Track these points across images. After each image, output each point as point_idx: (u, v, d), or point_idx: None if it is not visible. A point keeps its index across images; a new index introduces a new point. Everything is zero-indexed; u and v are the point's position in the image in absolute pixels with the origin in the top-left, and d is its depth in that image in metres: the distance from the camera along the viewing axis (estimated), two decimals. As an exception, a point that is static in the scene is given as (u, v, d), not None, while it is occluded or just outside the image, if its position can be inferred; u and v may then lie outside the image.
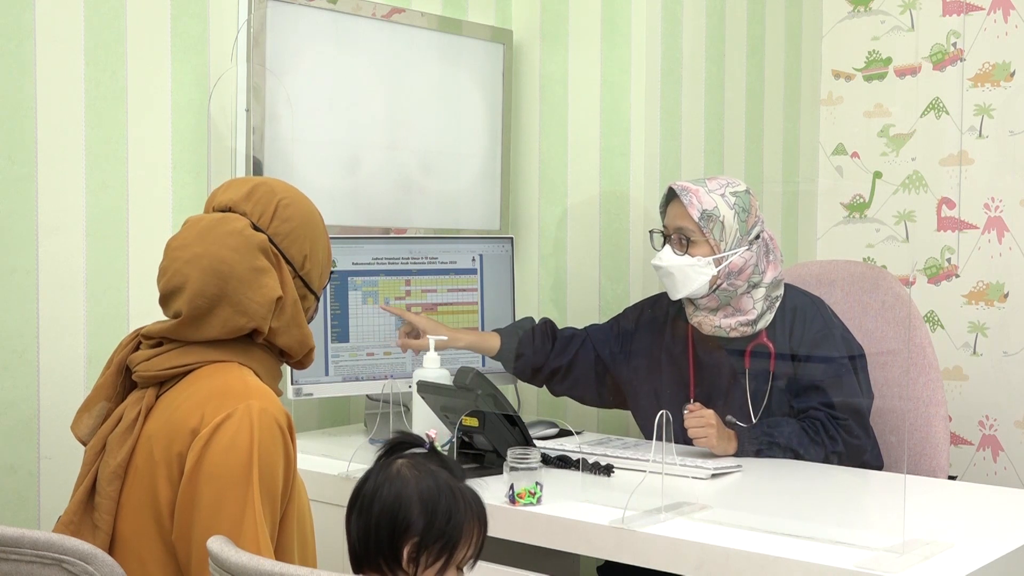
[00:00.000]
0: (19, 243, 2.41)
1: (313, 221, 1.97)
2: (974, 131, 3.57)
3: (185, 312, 1.84)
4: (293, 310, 1.90)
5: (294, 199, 1.95)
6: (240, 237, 1.86)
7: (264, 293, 1.85)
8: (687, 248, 2.63)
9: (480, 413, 2.35)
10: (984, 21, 3.55)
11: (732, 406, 2.66)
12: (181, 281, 1.84)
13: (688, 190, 2.64)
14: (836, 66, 3.83)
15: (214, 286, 1.83)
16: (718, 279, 2.63)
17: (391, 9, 3.02)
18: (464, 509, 1.64)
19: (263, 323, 1.86)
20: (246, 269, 1.84)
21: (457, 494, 1.65)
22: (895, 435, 2.76)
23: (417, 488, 1.63)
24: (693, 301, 2.69)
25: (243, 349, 1.88)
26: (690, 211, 2.61)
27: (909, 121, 3.68)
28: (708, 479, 2.40)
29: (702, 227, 2.61)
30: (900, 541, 1.88)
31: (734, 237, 2.63)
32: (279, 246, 1.90)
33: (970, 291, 3.58)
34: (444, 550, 1.62)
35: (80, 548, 1.58)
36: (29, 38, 2.41)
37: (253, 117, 2.73)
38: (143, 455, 1.80)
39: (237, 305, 1.83)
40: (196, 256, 1.84)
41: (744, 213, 2.65)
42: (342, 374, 2.83)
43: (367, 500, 1.65)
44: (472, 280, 3.01)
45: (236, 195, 1.93)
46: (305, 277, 1.94)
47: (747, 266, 2.63)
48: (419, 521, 1.61)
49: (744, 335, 2.67)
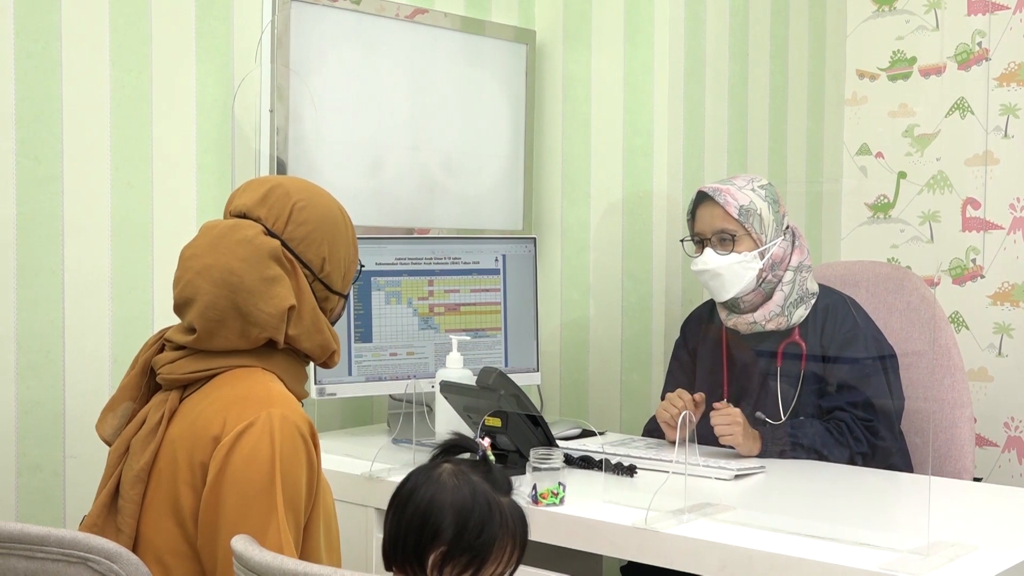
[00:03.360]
0: (44, 244, 2.42)
1: (331, 221, 1.93)
2: (999, 131, 3.55)
3: (198, 326, 1.83)
4: (312, 316, 1.89)
5: (310, 200, 1.92)
6: (250, 246, 1.84)
7: (275, 304, 1.83)
8: (732, 247, 2.63)
9: (503, 413, 2.35)
10: (1010, 20, 3.53)
11: (764, 405, 2.66)
12: (192, 293, 1.84)
13: (720, 191, 2.65)
14: (860, 66, 3.82)
15: (224, 299, 1.82)
16: (764, 272, 2.64)
17: (414, 10, 3.02)
18: (499, 525, 1.61)
19: (276, 333, 1.84)
20: (256, 279, 1.83)
21: (494, 508, 1.61)
22: (920, 436, 2.75)
23: (453, 496, 1.60)
24: (729, 303, 2.69)
25: (266, 354, 1.87)
26: (728, 209, 2.63)
27: (934, 121, 3.66)
28: (731, 480, 2.39)
29: (743, 222, 2.63)
30: (925, 543, 1.87)
31: (771, 228, 2.66)
32: (295, 251, 1.88)
33: (995, 292, 3.56)
34: (471, 564, 1.59)
35: (106, 547, 1.59)
36: (55, 39, 2.42)
37: (277, 118, 2.74)
38: (166, 459, 1.80)
39: (248, 316, 1.82)
40: (207, 267, 1.84)
41: (775, 204, 2.68)
42: (365, 374, 2.83)
43: (403, 500, 1.63)
44: (495, 280, 3.01)
45: (251, 200, 1.91)
46: (325, 279, 1.92)
47: (786, 255, 2.67)
48: (449, 530, 1.58)
49: (779, 327, 2.67)
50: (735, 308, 2.69)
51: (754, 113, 3.45)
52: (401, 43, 3.01)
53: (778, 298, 2.65)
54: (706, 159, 3.26)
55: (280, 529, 1.71)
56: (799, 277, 2.68)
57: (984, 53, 3.57)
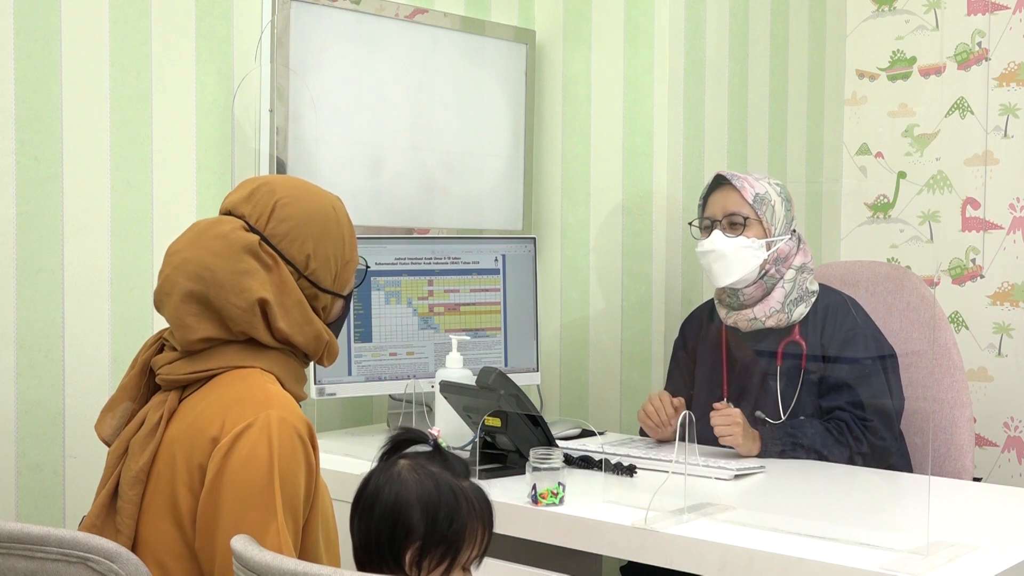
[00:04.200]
0: (44, 243, 2.42)
1: (319, 219, 1.92)
2: (999, 131, 3.55)
3: (172, 318, 1.84)
4: (299, 309, 1.88)
5: (296, 198, 1.91)
6: (224, 241, 1.84)
7: (244, 296, 1.82)
8: (741, 231, 2.65)
9: (503, 413, 2.35)
10: (1009, 20, 3.53)
11: (763, 404, 2.66)
12: (170, 287, 1.85)
13: (738, 176, 2.70)
14: (860, 66, 3.82)
15: (198, 292, 1.83)
16: (767, 264, 2.64)
17: (414, 10, 3.02)
18: (467, 511, 1.62)
19: (250, 328, 1.84)
20: (227, 272, 1.83)
21: (459, 496, 1.62)
22: (920, 436, 2.75)
23: (417, 491, 1.61)
24: (728, 299, 2.69)
25: (265, 354, 1.87)
26: (744, 194, 2.66)
27: (934, 121, 3.66)
28: (731, 480, 2.39)
29: (756, 209, 2.65)
30: (924, 543, 1.87)
31: (782, 223, 2.68)
32: (276, 247, 1.88)
33: (995, 292, 3.56)
34: (447, 554, 1.60)
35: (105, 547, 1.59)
36: (55, 39, 2.42)
37: (277, 117, 2.74)
38: (165, 460, 1.80)
39: (221, 309, 1.83)
40: (184, 261, 1.85)
41: (788, 202, 2.71)
42: (365, 374, 2.83)
43: (368, 503, 1.64)
44: (495, 280, 3.01)
45: (238, 197, 1.92)
46: (311, 276, 1.91)
47: (790, 254, 2.68)
48: (420, 525, 1.59)
49: (779, 324, 2.67)
50: (734, 303, 2.69)
51: (754, 113, 3.45)
52: (401, 43, 3.01)
53: (778, 295, 2.66)
54: (706, 159, 3.26)
55: (279, 531, 1.71)
56: (800, 277, 2.69)
57: (984, 53, 3.57)
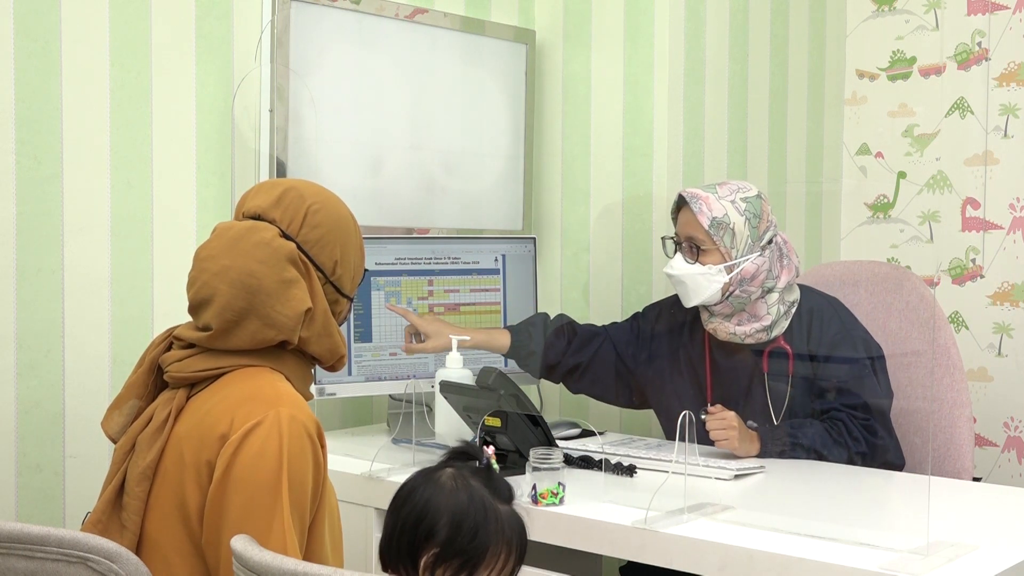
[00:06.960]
0: (45, 243, 2.42)
1: (343, 224, 1.95)
2: (999, 131, 3.55)
3: (215, 325, 1.83)
4: (323, 319, 1.90)
5: (324, 203, 1.93)
6: (268, 248, 1.85)
7: (293, 306, 1.84)
8: (698, 256, 2.61)
9: (503, 413, 2.35)
10: (1009, 20, 3.53)
11: (752, 409, 2.66)
12: (210, 294, 1.84)
13: (698, 197, 2.62)
14: (860, 66, 3.82)
15: (243, 299, 1.82)
16: (730, 286, 2.60)
17: (414, 10, 3.02)
18: (495, 531, 1.61)
19: (292, 335, 1.85)
20: (274, 282, 1.83)
21: (490, 513, 1.61)
22: (919, 436, 2.75)
23: (449, 499, 1.61)
24: (708, 308, 2.68)
25: (275, 354, 1.88)
26: (700, 219, 2.59)
27: (934, 121, 3.66)
28: (731, 480, 2.39)
29: (712, 235, 2.59)
30: (924, 543, 1.87)
31: (745, 244, 2.61)
32: (308, 253, 1.89)
33: (995, 292, 3.56)
34: (463, 568, 1.59)
35: (105, 547, 1.59)
36: (55, 39, 2.43)
37: (277, 117, 2.74)
38: (172, 457, 1.81)
39: (265, 318, 1.83)
40: (225, 268, 1.84)
41: (755, 219, 2.62)
42: (365, 374, 2.83)
43: (401, 499, 1.64)
44: (495, 280, 3.01)
45: (265, 201, 1.91)
46: (336, 282, 1.93)
47: (760, 272, 2.61)
48: (443, 531, 1.59)
49: (760, 341, 2.66)
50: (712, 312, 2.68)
51: (754, 113, 3.45)
52: (401, 43, 3.01)
53: (765, 320, 2.63)
54: (706, 159, 3.26)
55: (285, 528, 1.71)
56: (788, 299, 2.66)
57: (984, 53, 3.57)
